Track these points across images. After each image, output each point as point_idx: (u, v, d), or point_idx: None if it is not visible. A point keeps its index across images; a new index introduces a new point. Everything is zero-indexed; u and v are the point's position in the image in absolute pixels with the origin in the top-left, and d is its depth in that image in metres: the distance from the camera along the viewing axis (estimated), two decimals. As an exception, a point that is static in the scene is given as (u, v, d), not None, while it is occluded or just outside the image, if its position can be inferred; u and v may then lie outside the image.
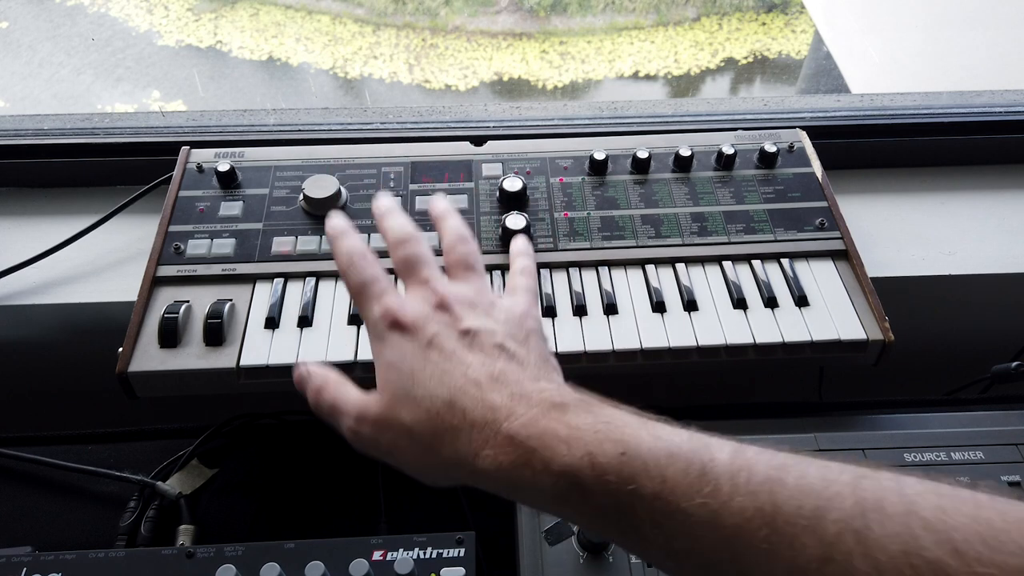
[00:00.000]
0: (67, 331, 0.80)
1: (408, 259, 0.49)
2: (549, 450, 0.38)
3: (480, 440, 0.40)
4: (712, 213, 0.75)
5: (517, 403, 0.41)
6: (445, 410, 0.41)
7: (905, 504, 0.32)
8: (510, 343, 0.45)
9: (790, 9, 3.30)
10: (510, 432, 0.40)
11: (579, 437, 0.39)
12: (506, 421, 0.40)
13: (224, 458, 0.70)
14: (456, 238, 0.52)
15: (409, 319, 0.45)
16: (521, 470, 0.39)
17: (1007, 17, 2.22)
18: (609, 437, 0.38)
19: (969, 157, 0.93)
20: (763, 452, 0.37)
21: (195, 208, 0.75)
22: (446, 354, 0.43)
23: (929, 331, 0.79)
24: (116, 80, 2.77)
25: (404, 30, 3.20)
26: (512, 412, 0.40)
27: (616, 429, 0.39)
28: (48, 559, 0.55)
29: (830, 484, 0.34)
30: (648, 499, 0.36)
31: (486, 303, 0.48)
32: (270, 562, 0.53)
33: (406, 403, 0.43)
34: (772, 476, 0.35)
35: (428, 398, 0.42)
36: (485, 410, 0.41)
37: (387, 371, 0.44)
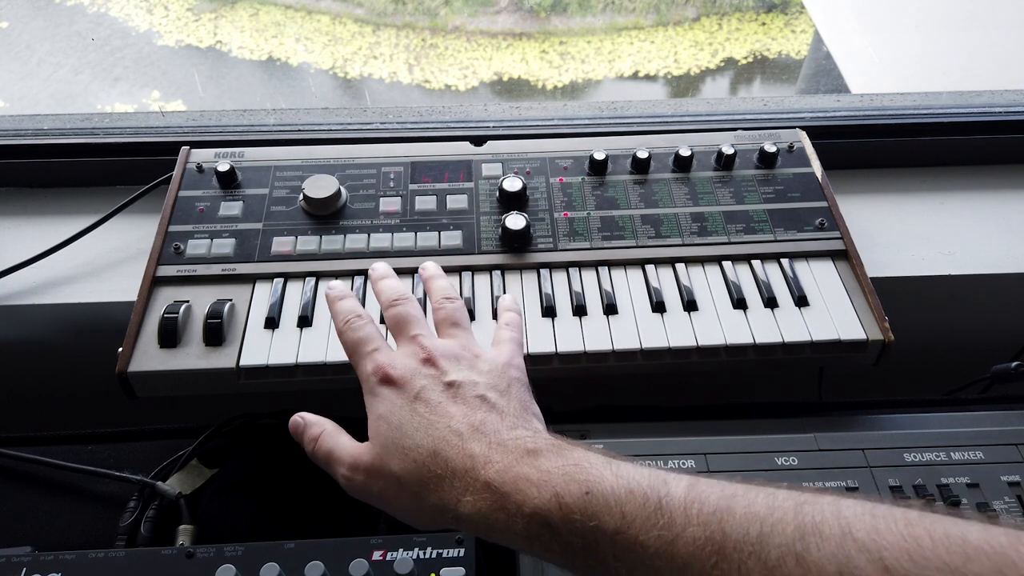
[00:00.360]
0: (67, 331, 0.80)
1: (399, 317, 0.54)
2: (521, 494, 0.42)
3: (461, 487, 0.43)
4: (712, 213, 0.75)
5: (494, 451, 0.44)
6: (430, 459, 0.45)
7: (841, 526, 0.35)
8: (491, 394, 0.48)
9: (790, 9, 3.30)
10: (487, 479, 0.43)
11: (548, 480, 0.42)
12: (483, 469, 0.43)
13: (224, 458, 0.70)
14: (443, 297, 0.57)
15: (398, 374, 0.49)
16: (497, 514, 0.42)
17: (1007, 17, 2.22)
18: (575, 478, 0.41)
19: (969, 157, 0.93)
20: (716, 484, 0.40)
21: (195, 208, 0.75)
22: (431, 406, 0.47)
23: (929, 331, 0.79)
24: (114, 80, 2.77)
25: (404, 30, 3.20)
26: (489, 460, 0.44)
27: (582, 471, 0.42)
28: (48, 559, 0.55)
29: (774, 511, 0.37)
30: (610, 534, 0.39)
31: (471, 356, 0.52)
32: (270, 562, 0.53)
33: (395, 453, 0.46)
34: (722, 506, 0.38)
35: (415, 448, 0.45)
36: (465, 458, 0.44)
37: (378, 423, 0.48)
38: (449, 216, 0.75)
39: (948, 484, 0.58)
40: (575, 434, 0.63)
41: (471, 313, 0.68)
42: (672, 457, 0.60)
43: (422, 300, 0.66)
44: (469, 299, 0.68)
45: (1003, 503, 0.57)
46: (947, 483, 0.58)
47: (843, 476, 0.59)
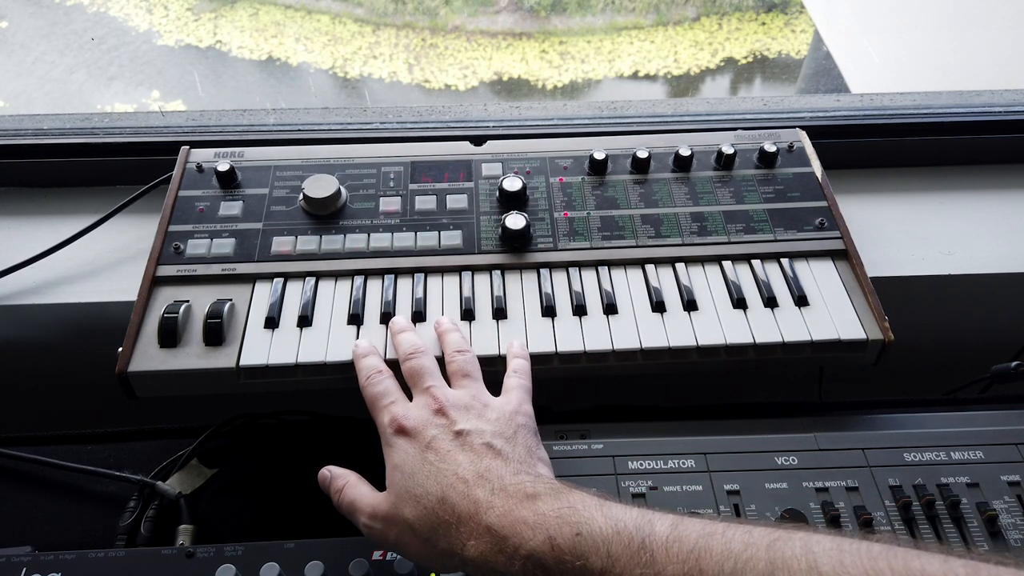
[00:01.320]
0: (67, 331, 0.80)
1: (414, 370, 0.58)
2: (518, 536, 0.44)
3: (466, 532, 0.46)
4: (712, 213, 0.75)
5: (496, 496, 0.47)
6: (438, 506, 0.47)
7: (808, 561, 0.37)
8: (497, 441, 0.51)
9: (790, 9, 3.30)
10: (488, 523, 0.45)
11: (543, 523, 0.44)
12: (486, 514, 0.46)
13: (224, 458, 0.70)
14: (455, 350, 0.60)
15: (411, 424, 0.53)
16: (497, 556, 0.44)
17: (1007, 17, 2.22)
18: (568, 520, 0.44)
19: (969, 157, 0.93)
20: (698, 522, 0.42)
21: (195, 208, 0.75)
22: (441, 454, 0.50)
23: (929, 331, 0.79)
24: (109, 79, 2.77)
25: (404, 30, 3.19)
26: (492, 505, 0.46)
27: (575, 512, 0.44)
28: (48, 559, 0.55)
29: (748, 547, 0.39)
30: (597, 573, 0.41)
31: (480, 406, 0.54)
32: (270, 562, 0.53)
33: (408, 501, 0.49)
34: (700, 544, 0.40)
35: (425, 496, 0.48)
36: (469, 504, 0.47)
37: (393, 472, 0.51)
38: (449, 216, 0.75)
39: (948, 484, 0.58)
40: (575, 434, 0.63)
41: (471, 313, 0.68)
42: (672, 457, 0.60)
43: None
44: (469, 299, 0.68)
45: (1003, 503, 0.57)
46: (947, 483, 0.58)
47: (843, 476, 0.59)
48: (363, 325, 0.67)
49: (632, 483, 0.59)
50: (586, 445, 0.61)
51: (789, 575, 0.37)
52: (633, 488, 0.58)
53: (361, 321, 0.67)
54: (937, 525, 0.56)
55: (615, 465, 0.60)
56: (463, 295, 0.69)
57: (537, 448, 0.53)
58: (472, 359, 0.60)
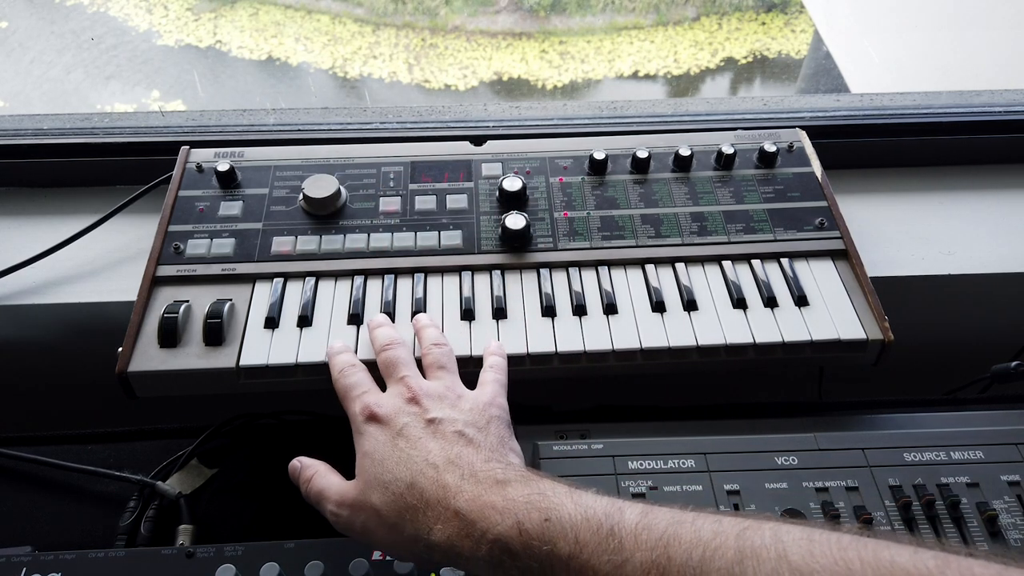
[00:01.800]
0: (67, 331, 0.80)
1: (388, 360, 0.58)
2: (486, 521, 0.44)
3: (433, 516, 0.46)
4: (712, 213, 0.75)
5: (466, 481, 0.46)
6: (407, 491, 0.47)
7: (778, 551, 0.37)
8: (469, 430, 0.51)
9: (790, 9, 3.30)
10: (457, 507, 0.45)
11: (512, 508, 0.44)
12: (454, 498, 0.46)
13: (224, 458, 0.70)
14: (431, 343, 0.61)
15: (383, 412, 0.53)
16: (463, 541, 0.44)
17: (1007, 17, 2.22)
18: (537, 506, 0.44)
19: (969, 157, 0.93)
20: (668, 511, 0.42)
21: (195, 208, 0.75)
22: (412, 441, 0.50)
23: (929, 331, 0.79)
24: (107, 78, 2.77)
25: (404, 30, 3.19)
26: (461, 490, 0.46)
27: (545, 499, 0.44)
28: (48, 559, 0.55)
29: (717, 535, 0.39)
30: (564, 559, 0.41)
31: (454, 396, 0.55)
32: (270, 562, 0.53)
33: (376, 487, 0.49)
34: (669, 532, 0.40)
35: (393, 481, 0.48)
36: (438, 489, 0.46)
37: (363, 459, 0.51)
38: (449, 216, 0.75)
39: (948, 484, 0.58)
40: (575, 434, 0.63)
41: (471, 313, 0.68)
42: (672, 457, 0.60)
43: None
44: (469, 299, 0.68)
45: (1003, 503, 0.57)
46: (947, 483, 0.58)
47: (843, 476, 0.59)
48: (363, 325, 0.67)
49: (632, 483, 0.58)
50: (586, 445, 0.61)
51: (758, 563, 0.37)
52: (633, 488, 0.58)
53: (361, 321, 0.67)
54: (937, 525, 0.56)
55: (615, 465, 0.60)
56: (463, 295, 0.69)
57: (510, 439, 0.53)
58: (448, 352, 0.60)
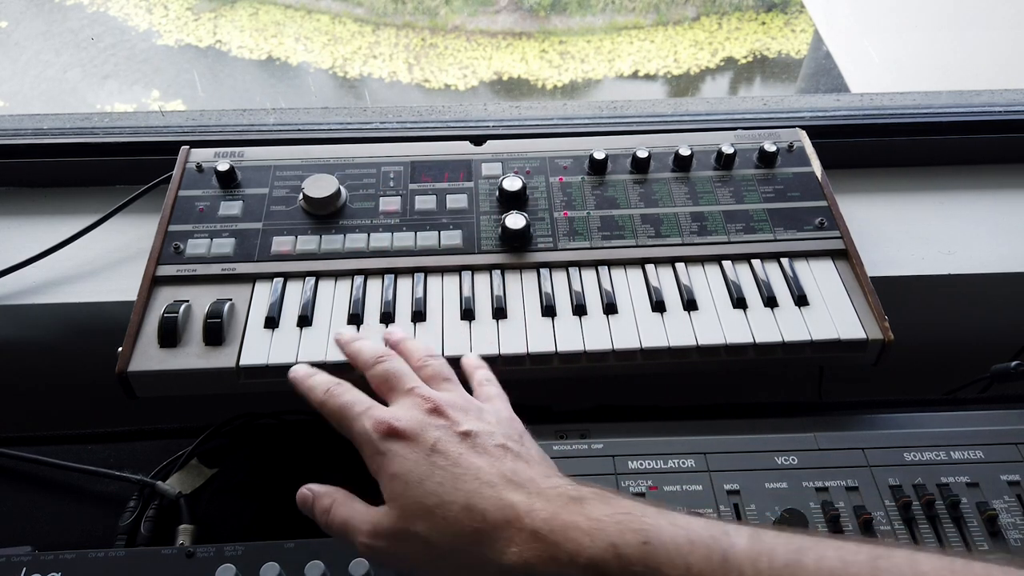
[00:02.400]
0: (67, 331, 0.80)
1: (388, 374, 0.51)
2: (573, 543, 0.39)
3: (505, 539, 0.41)
4: (712, 213, 0.75)
5: (535, 500, 0.42)
6: (463, 515, 0.42)
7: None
8: (511, 443, 0.46)
9: (790, 8, 3.30)
10: (533, 527, 0.41)
11: (601, 528, 0.40)
12: (528, 517, 0.41)
13: (224, 458, 0.70)
14: (424, 354, 0.54)
15: (404, 426, 0.46)
16: (548, 564, 0.40)
17: (1007, 17, 2.22)
18: (630, 527, 0.39)
19: (968, 157, 0.93)
20: (780, 535, 0.38)
21: (195, 208, 0.75)
22: (452, 459, 0.44)
23: (929, 331, 0.79)
24: (104, 78, 2.77)
25: (403, 30, 3.19)
26: (532, 508, 0.41)
27: (636, 519, 0.40)
28: (48, 559, 0.55)
29: (848, 565, 0.36)
30: None
31: (475, 408, 0.49)
32: (270, 562, 0.53)
33: (419, 514, 0.43)
34: (792, 559, 0.37)
35: (442, 506, 0.43)
36: (505, 509, 0.42)
37: (393, 483, 0.45)
38: (449, 216, 0.75)
39: (948, 484, 0.58)
40: (575, 434, 0.63)
41: (471, 313, 0.68)
42: (672, 457, 0.60)
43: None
44: (469, 299, 0.68)
45: (1003, 502, 0.57)
46: (947, 483, 0.58)
47: (843, 476, 0.59)
48: (363, 325, 0.67)
49: (632, 483, 0.59)
50: (586, 445, 0.61)
51: None
52: (633, 488, 0.58)
53: (361, 321, 0.67)
54: (937, 525, 0.56)
55: (615, 465, 0.60)
56: (463, 295, 0.69)
57: (546, 455, 0.49)
58: (445, 363, 0.54)
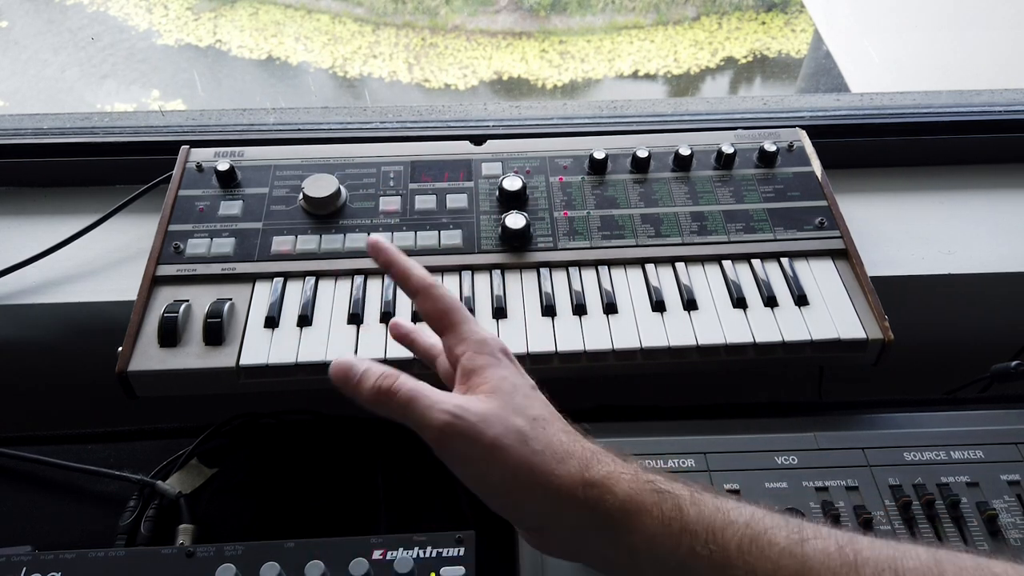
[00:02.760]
0: (67, 331, 0.80)
1: (451, 308, 0.48)
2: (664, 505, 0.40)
3: (596, 461, 0.41)
4: (712, 212, 0.75)
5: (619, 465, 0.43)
6: (562, 431, 0.43)
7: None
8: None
9: (790, 8, 3.30)
10: (647, 475, 0.42)
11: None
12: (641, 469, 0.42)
13: (224, 458, 0.70)
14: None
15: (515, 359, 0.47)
16: (651, 496, 0.40)
17: (1007, 17, 2.22)
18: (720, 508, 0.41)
19: (968, 156, 0.93)
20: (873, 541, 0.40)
21: (195, 207, 0.75)
22: (544, 404, 0.45)
23: (929, 330, 0.79)
24: (103, 77, 2.77)
25: (403, 29, 3.19)
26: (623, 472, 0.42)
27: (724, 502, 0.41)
28: (48, 559, 0.55)
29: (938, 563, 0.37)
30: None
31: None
32: (270, 561, 0.53)
33: (520, 412, 0.43)
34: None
35: (540, 419, 0.43)
36: (599, 452, 0.43)
37: (502, 382, 0.44)
38: (449, 215, 0.75)
39: (948, 483, 0.58)
40: (575, 433, 0.63)
41: (471, 312, 0.68)
42: (672, 457, 0.60)
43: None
44: (469, 298, 0.68)
45: (1003, 502, 0.57)
46: (947, 482, 0.58)
47: (843, 476, 0.59)
48: (363, 324, 0.67)
49: (632, 483, 0.58)
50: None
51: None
52: (633, 488, 0.58)
53: (361, 320, 0.67)
54: (937, 525, 0.56)
55: (615, 465, 0.60)
56: (463, 295, 0.69)
57: None
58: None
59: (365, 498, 0.67)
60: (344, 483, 0.68)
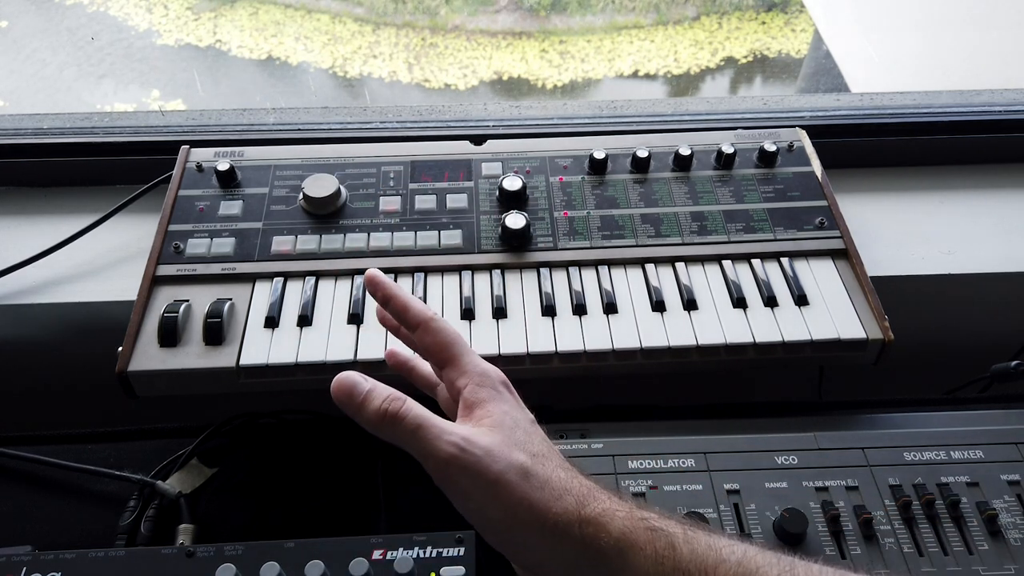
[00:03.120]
0: (67, 331, 0.80)
1: (451, 342, 0.49)
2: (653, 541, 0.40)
3: (592, 499, 0.42)
4: (712, 212, 0.75)
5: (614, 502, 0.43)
6: (560, 469, 0.43)
7: None
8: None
9: (790, 8, 3.30)
10: (641, 512, 0.42)
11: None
12: (619, 510, 0.42)
13: (224, 457, 0.70)
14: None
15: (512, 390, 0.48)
16: (643, 534, 0.40)
17: (1007, 17, 2.22)
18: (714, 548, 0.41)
19: (969, 156, 0.93)
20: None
21: (195, 207, 0.75)
22: (548, 442, 0.46)
23: (929, 330, 0.79)
24: (101, 77, 2.77)
25: (404, 29, 3.19)
26: (617, 509, 0.42)
27: (714, 538, 0.42)
28: (48, 559, 0.55)
29: None
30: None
31: None
32: (270, 561, 0.53)
33: (521, 449, 0.43)
34: None
35: (541, 456, 0.43)
36: (597, 491, 0.43)
37: (504, 416, 0.45)
38: (449, 215, 0.75)
39: (948, 483, 0.58)
40: (575, 433, 0.63)
41: (471, 312, 0.68)
42: (672, 456, 0.60)
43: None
44: (469, 298, 0.68)
45: (1003, 502, 0.57)
46: (947, 482, 0.58)
47: (843, 475, 0.59)
48: (363, 324, 0.67)
49: (632, 482, 0.59)
50: (586, 444, 0.61)
51: None
52: (633, 487, 0.58)
53: (361, 320, 0.67)
54: (937, 524, 0.56)
55: (615, 464, 0.60)
56: (463, 294, 0.69)
57: None
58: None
59: (365, 498, 0.67)
60: (344, 483, 0.68)
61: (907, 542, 0.55)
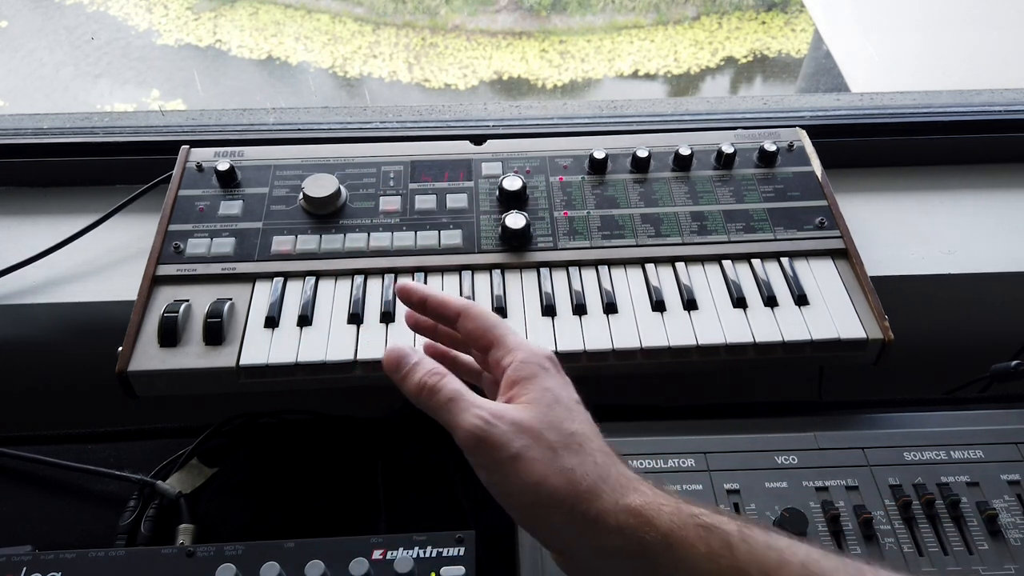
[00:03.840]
0: (67, 331, 0.80)
1: (494, 323, 0.49)
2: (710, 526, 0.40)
3: (631, 488, 0.41)
4: (712, 212, 0.75)
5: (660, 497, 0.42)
6: (599, 452, 0.42)
7: None
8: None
9: (790, 8, 3.30)
10: (690, 508, 0.40)
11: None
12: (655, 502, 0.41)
13: (224, 457, 0.70)
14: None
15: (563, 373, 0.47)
16: (668, 508, 0.40)
17: (1007, 17, 2.22)
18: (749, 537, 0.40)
19: (969, 156, 0.93)
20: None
21: (195, 207, 0.75)
22: (591, 422, 0.45)
23: (929, 330, 0.79)
24: (98, 77, 2.77)
25: (404, 29, 3.19)
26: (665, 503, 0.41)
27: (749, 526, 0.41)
28: (48, 558, 0.55)
29: None
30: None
31: None
32: (270, 561, 0.53)
33: (556, 427, 0.42)
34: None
35: (578, 435, 0.43)
36: (633, 478, 0.42)
37: (545, 393, 0.44)
38: (449, 215, 0.75)
39: (948, 483, 0.58)
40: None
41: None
42: (672, 456, 0.60)
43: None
44: (469, 298, 0.68)
45: (1003, 502, 0.57)
46: (947, 482, 0.58)
47: (843, 475, 0.59)
48: (363, 324, 0.67)
49: (632, 482, 0.58)
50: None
51: None
52: (633, 487, 0.58)
53: (361, 320, 0.67)
54: (937, 524, 0.56)
55: (615, 464, 0.60)
56: (463, 294, 0.69)
57: None
58: None
59: (365, 498, 0.67)
60: (344, 483, 0.68)
61: (907, 542, 0.55)
